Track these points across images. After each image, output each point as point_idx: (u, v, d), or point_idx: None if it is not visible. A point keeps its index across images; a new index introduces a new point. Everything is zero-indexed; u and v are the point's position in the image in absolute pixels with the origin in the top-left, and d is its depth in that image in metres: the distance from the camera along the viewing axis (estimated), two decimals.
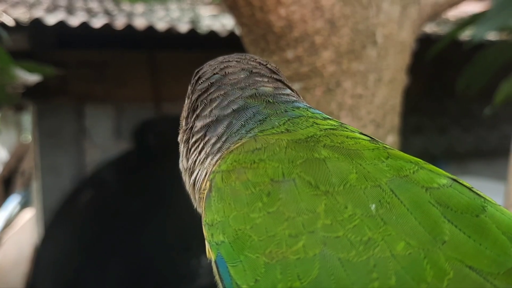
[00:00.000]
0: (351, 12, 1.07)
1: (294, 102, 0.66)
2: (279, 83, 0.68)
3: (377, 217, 0.48)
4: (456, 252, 0.47)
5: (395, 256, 0.46)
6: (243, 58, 0.71)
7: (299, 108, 0.64)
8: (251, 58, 0.71)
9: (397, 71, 1.17)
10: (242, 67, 0.68)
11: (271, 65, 0.72)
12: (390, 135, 1.19)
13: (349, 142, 0.57)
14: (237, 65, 0.68)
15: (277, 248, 0.49)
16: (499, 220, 0.49)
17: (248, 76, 0.67)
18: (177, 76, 3.66)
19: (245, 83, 0.66)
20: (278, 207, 0.51)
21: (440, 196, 0.50)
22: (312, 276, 0.47)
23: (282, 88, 0.68)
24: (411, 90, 1.47)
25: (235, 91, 0.65)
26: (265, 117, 0.62)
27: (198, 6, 4.01)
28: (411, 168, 0.53)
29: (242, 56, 0.71)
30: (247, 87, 0.66)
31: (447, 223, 0.48)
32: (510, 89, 2.06)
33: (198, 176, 0.67)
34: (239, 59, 0.70)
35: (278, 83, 0.68)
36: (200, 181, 0.66)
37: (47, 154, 3.48)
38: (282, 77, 0.71)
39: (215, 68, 0.69)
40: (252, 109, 0.63)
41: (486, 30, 2.07)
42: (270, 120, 0.62)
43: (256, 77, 0.67)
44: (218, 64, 0.70)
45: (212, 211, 0.55)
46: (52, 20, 2.83)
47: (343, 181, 0.51)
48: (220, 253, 0.53)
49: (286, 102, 0.65)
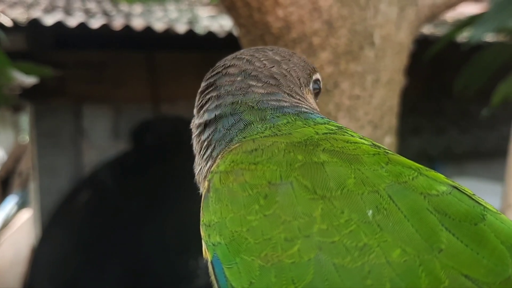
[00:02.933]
0: (349, 13, 1.07)
1: (283, 108, 0.64)
2: (274, 88, 0.67)
3: (373, 223, 0.48)
4: (453, 260, 0.46)
5: (390, 263, 0.46)
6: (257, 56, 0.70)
7: (286, 114, 0.63)
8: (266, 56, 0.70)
9: (395, 72, 1.17)
10: (245, 68, 0.68)
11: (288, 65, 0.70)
12: (387, 136, 1.20)
13: (349, 146, 0.56)
14: (242, 65, 0.68)
15: (273, 252, 0.49)
16: (498, 229, 0.49)
17: (242, 80, 0.66)
18: (175, 76, 3.66)
19: (237, 86, 0.66)
20: (275, 210, 0.51)
21: (439, 204, 0.50)
22: (306, 280, 0.47)
23: (275, 94, 0.66)
24: (409, 91, 1.47)
25: (225, 96, 0.66)
26: (247, 124, 0.62)
27: (196, 7, 4.01)
28: (411, 175, 0.52)
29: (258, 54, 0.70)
30: (237, 91, 0.65)
31: (445, 231, 0.48)
32: (508, 90, 2.07)
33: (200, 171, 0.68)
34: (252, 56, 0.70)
35: (273, 88, 0.67)
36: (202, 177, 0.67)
37: (45, 154, 3.48)
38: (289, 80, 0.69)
39: (223, 65, 0.69)
40: (234, 117, 0.64)
41: (484, 31, 2.08)
42: (251, 126, 0.62)
43: (250, 80, 0.66)
44: (228, 61, 0.70)
45: (210, 212, 0.55)
46: (50, 20, 2.82)
47: (340, 186, 0.51)
48: (216, 254, 0.53)
49: (272, 109, 0.64)
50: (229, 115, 0.64)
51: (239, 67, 0.68)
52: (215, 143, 0.65)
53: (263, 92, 0.65)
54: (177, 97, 3.64)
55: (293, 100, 0.67)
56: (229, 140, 0.63)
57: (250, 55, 0.70)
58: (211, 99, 0.67)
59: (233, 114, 0.64)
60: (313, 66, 0.76)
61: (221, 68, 0.69)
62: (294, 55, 0.74)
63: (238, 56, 0.70)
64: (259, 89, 0.66)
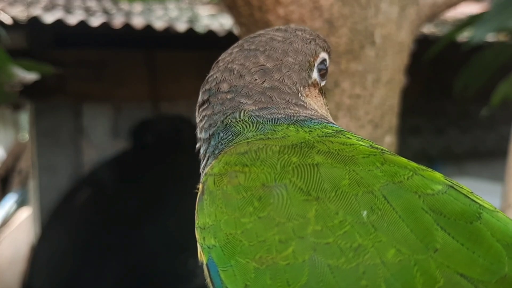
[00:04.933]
0: (349, 12, 1.07)
1: (277, 120, 0.63)
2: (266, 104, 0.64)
3: (368, 223, 0.48)
4: (448, 260, 0.46)
5: (385, 263, 0.46)
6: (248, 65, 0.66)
7: (279, 124, 0.62)
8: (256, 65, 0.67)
9: (395, 72, 1.17)
10: (235, 84, 0.66)
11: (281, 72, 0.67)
12: (388, 135, 1.20)
13: (345, 148, 0.56)
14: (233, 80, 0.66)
15: (267, 254, 0.49)
16: (494, 227, 0.49)
17: (233, 98, 0.65)
18: (175, 75, 3.66)
19: (228, 105, 0.65)
20: (269, 212, 0.51)
21: (434, 203, 0.49)
22: (301, 282, 0.47)
23: (267, 108, 0.64)
24: (409, 91, 1.47)
25: (217, 115, 0.65)
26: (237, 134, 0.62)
27: (197, 5, 4.01)
28: (406, 174, 0.52)
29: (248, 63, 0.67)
30: (227, 110, 0.65)
31: (440, 231, 0.47)
32: (508, 90, 2.07)
33: None
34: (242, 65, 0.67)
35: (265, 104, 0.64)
36: None
37: (44, 153, 3.47)
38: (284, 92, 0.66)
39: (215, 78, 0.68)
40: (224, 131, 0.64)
41: (484, 31, 2.08)
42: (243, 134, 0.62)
43: (241, 98, 0.65)
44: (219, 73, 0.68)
45: (204, 215, 0.55)
46: (50, 18, 2.82)
47: (335, 187, 0.51)
48: (211, 257, 0.53)
49: (264, 120, 0.63)
50: (220, 132, 0.64)
51: (230, 82, 0.66)
52: (209, 155, 0.66)
53: (255, 108, 0.64)
54: (177, 96, 3.64)
55: (289, 112, 0.64)
56: (221, 148, 0.63)
57: (240, 64, 0.67)
58: (206, 117, 0.67)
59: (224, 130, 0.64)
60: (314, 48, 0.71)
61: (214, 82, 0.67)
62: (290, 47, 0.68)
63: (229, 66, 0.67)
64: (250, 106, 0.64)
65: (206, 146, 0.67)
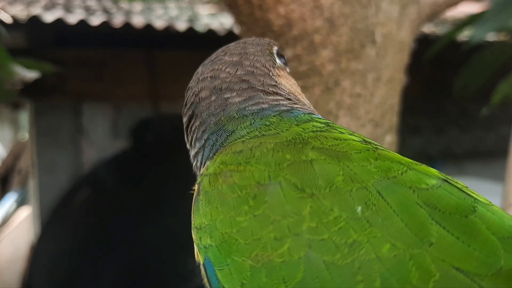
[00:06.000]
0: (350, 11, 1.07)
1: (263, 111, 0.64)
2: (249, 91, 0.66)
3: (362, 219, 0.48)
4: (444, 253, 0.46)
5: (380, 258, 0.46)
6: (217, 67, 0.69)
7: (268, 116, 0.63)
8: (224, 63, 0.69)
9: (395, 71, 1.17)
10: (214, 85, 0.67)
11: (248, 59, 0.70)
12: (388, 134, 1.19)
13: (339, 144, 0.56)
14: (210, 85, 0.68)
15: (263, 251, 0.49)
16: (490, 221, 0.49)
17: (217, 97, 0.66)
18: (175, 75, 3.65)
19: (215, 105, 0.66)
20: (264, 210, 0.51)
21: (428, 197, 0.49)
22: (297, 279, 0.47)
23: (252, 97, 0.65)
24: (409, 90, 1.47)
25: (207, 119, 0.66)
26: (231, 133, 0.63)
27: (197, 4, 4.00)
28: (400, 169, 0.52)
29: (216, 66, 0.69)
30: (216, 110, 0.66)
31: (435, 225, 0.47)
32: (508, 90, 2.07)
33: None
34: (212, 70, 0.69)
35: (248, 92, 0.66)
36: None
37: (44, 152, 3.47)
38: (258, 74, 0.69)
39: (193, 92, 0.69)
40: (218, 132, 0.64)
41: (485, 31, 2.08)
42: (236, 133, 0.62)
43: (225, 94, 0.66)
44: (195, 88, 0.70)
45: (200, 215, 0.55)
46: (50, 17, 2.82)
47: (329, 183, 0.51)
48: (208, 257, 0.53)
49: (253, 114, 0.64)
50: (214, 133, 0.65)
51: (208, 87, 0.67)
52: (205, 160, 0.66)
53: (240, 99, 0.65)
54: (177, 95, 3.61)
55: (270, 98, 0.66)
56: (216, 149, 0.63)
57: (210, 70, 0.69)
58: (197, 129, 0.68)
59: (217, 130, 0.64)
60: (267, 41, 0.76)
61: (193, 97, 0.69)
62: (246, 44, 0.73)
63: (201, 78, 0.70)
64: (236, 98, 0.65)
65: (201, 154, 0.67)
